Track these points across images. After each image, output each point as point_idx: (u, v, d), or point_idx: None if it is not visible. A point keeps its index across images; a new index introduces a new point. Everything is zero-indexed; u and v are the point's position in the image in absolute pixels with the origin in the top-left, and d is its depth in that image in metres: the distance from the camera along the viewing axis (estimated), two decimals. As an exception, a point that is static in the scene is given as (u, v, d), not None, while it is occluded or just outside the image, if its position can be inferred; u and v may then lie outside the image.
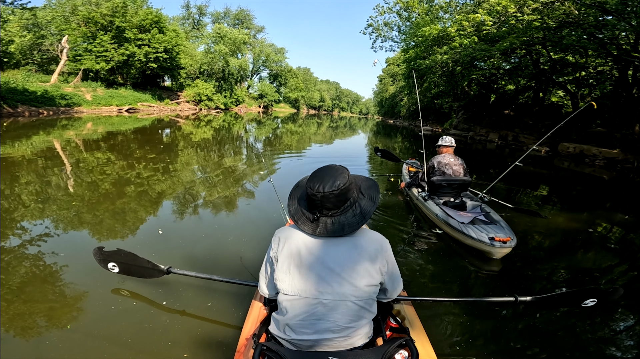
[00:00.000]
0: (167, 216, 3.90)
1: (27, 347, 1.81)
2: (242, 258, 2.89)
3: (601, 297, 1.82)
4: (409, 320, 1.59)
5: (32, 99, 16.30)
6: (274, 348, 1.14)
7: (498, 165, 9.17)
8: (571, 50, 13.21)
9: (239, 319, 2.02)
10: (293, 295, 1.20)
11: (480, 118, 20.35)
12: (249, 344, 1.36)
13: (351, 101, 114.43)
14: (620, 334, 2.31)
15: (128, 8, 23.58)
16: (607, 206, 6.35)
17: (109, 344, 1.85)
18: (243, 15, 51.58)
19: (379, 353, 1.12)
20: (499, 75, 19.28)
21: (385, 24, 22.49)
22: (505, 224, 3.36)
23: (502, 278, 2.97)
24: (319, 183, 1.21)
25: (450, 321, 2.25)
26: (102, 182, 5.08)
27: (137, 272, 2.15)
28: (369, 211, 1.26)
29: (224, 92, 35.11)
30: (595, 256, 3.73)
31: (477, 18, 11.22)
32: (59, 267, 2.60)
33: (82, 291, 2.30)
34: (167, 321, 2.06)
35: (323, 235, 1.22)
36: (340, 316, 1.18)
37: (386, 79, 55.11)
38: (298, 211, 1.30)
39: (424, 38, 16.26)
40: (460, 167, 3.99)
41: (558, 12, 10.37)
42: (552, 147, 13.95)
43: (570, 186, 8.15)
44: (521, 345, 2.10)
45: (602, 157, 11.98)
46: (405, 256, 3.21)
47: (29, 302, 2.16)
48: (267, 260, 1.33)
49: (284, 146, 11.87)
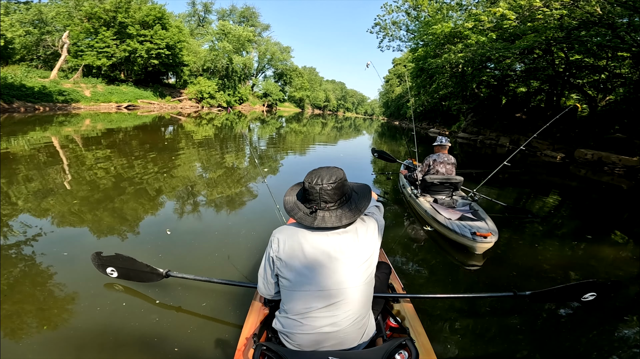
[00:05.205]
0: (167, 217, 3.86)
1: (17, 347, 1.78)
2: (240, 260, 2.86)
3: (601, 291, 1.85)
4: (409, 320, 1.60)
5: (29, 95, 15.95)
6: (274, 348, 1.16)
7: (507, 170, 8.58)
8: (592, 52, 12.46)
9: (239, 320, 2.01)
10: (297, 290, 1.21)
11: (490, 122, 19.64)
12: (249, 344, 1.39)
13: (356, 101, 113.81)
14: (619, 329, 2.30)
15: (132, 3, 23.22)
16: (616, 215, 5.78)
17: (108, 344, 1.83)
18: (249, 12, 51.23)
19: (379, 353, 1.13)
20: (515, 77, 18.52)
21: (393, 23, 22.00)
22: (491, 221, 3.44)
23: (496, 275, 3.00)
24: (317, 177, 1.26)
25: (450, 320, 2.24)
26: (98, 181, 4.98)
27: (136, 277, 2.16)
28: (364, 204, 1.30)
29: (228, 90, 34.65)
30: (594, 256, 3.69)
31: (499, 12, 10.48)
32: (59, 267, 2.56)
33: (85, 292, 2.27)
34: (167, 322, 2.05)
35: (321, 227, 1.23)
36: (343, 306, 1.20)
37: (392, 80, 54.31)
38: (295, 207, 1.31)
39: (435, 36, 15.61)
40: (452, 166, 4.21)
41: (580, 12, 9.67)
42: (567, 154, 13.21)
43: (582, 194, 7.55)
44: (522, 343, 2.09)
45: (621, 165, 11.20)
46: (400, 253, 3.29)
47: (18, 303, 2.11)
48: (266, 261, 1.32)
49: (287, 146, 11.52)
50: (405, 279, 2.73)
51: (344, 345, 1.23)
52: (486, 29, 12.29)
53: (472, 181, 5.81)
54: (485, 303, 2.45)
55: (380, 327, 1.52)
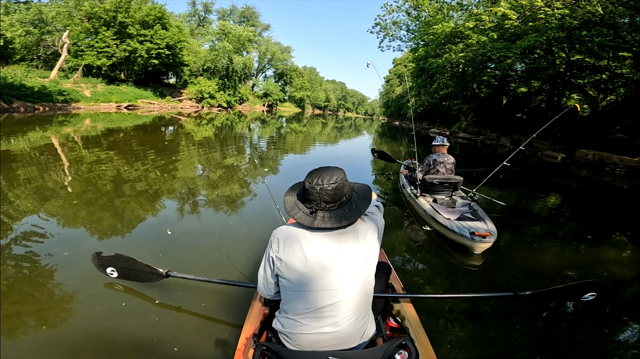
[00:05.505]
0: (167, 217, 3.84)
1: (17, 347, 1.77)
2: (240, 260, 2.85)
3: (601, 290, 1.83)
4: (408, 320, 1.60)
5: (29, 95, 15.94)
6: (274, 348, 1.16)
7: (508, 171, 8.58)
8: (593, 52, 12.43)
9: (239, 320, 1.99)
10: (297, 291, 1.21)
11: (491, 122, 19.61)
12: (249, 344, 1.38)
13: (357, 102, 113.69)
14: (619, 329, 2.29)
15: (132, 3, 23.21)
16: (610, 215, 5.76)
17: (108, 344, 1.83)
18: (249, 12, 51.20)
19: (379, 353, 1.12)
20: (516, 77, 18.49)
21: (394, 22, 22.02)
22: (490, 221, 3.43)
23: (496, 275, 3.00)
24: (318, 177, 1.25)
25: (449, 320, 2.23)
26: (98, 181, 4.96)
27: (136, 277, 2.16)
28: (365, 205, 1.29)
29: (228, 90, 34.63)
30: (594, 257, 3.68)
31: (500, 12, 10.46)
32: (59, 267, 2.55)
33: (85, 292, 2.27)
34: (167, 322, 2.04)
35: (321, 227, 1.22)
36: (343, 306, 1.20)
37: (393, 80, 54.27)
38: (295, 207, 1.30)
39: (436, 36, 15.61)
40: (452, 166, 4.23)
41: (582, 11, 9.64)
42: (568, 154, 13.18)
43: (583, 195, 7.54)
44: (522, 343, 2.08)
45: (622, 165, 11.17)
46: (400, 253, 3.30)
47: (18, 303, 2.11)
48: (266, 261, 1.32)
49: (288, 146, 11.51)
50: (405, 279, 2.73)
51: (344, 345, 1.23)
52: (487, 28, 12.27)
53: (472, 181, 5.81)
54: (485, 303, 2.44)
55: (380, 327, 1.50)
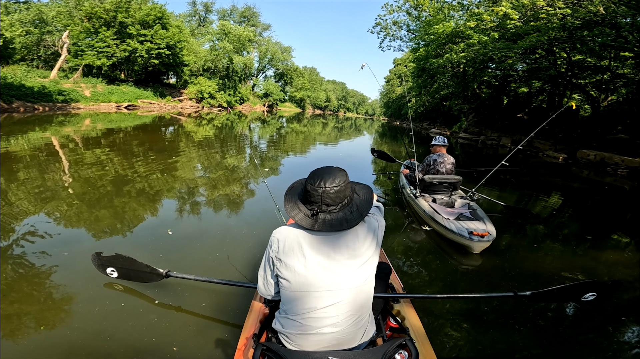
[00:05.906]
0: (167, 217, 3.85)
1: (17, 347, 1.77)
2: (240, 260, 2.86)
3: (601, 291, 1.83)
4: (408, 320, 1.60)
5: (29, 95, 15.95)
6: (274, 348, 1.16)
7: (509, 171, 8.58)
8: (595, 52, 12.40)
9: (239, 320, 1.99)
10: (297, 291, 1.21)
11: (492, 122, 19.58)
12: (249, 343, 1.38)
13: (357, 102, 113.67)
14: (620, 329, 2.28)
15: (132, 3, 23.22)
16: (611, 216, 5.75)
17: (107, 344, 1.83)
18: (249, 12, 51.21)
19: (379, 353, 1.12)
20: (517, 77, 18.46)
21: (394, 22, 22.04)
22: (488, 220, 3.44)
23: (496, 275, 2.99)
24: (320, 180, 1.23)
25: (449, 320, 2.23)
26: (98, 181, 4.96)
27: (136, 277, 2.16)
28: (366, 208, 1.29)
29: (228, 90, 34.63)
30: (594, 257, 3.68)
31: (501, 12, 10.44)
32: (59, 267, 2.55)
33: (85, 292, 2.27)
34: (167, 322, 2.04)
35: (322, 230, 1.22)
36: (343, 307, 1.19)
37: (393, 80, 54.26)
38: (295, 208, 1.29)
39: (436, 36, 15.59)
40: (452, 165, 4.23)
41: (584, 11, 9.62)
42: (570, 154, 13.16)
43: (584, 195, 7.52)
44: (522, 343, 2.08)
45: (624, 166, 11.14)
46: (400, 253, 3.29)
47: (18, 303, 2.11)
48: (266, 261, 1.32)
49: (288, 146, 11.50)
50: (405, 279, 2.72)
51: (344, 345, 1.23)
52: (488, 28, 12.25)
53: (471, 181, 5.81)
54: (485, 303, 2.44)
55: (380, 327, 1.49)
